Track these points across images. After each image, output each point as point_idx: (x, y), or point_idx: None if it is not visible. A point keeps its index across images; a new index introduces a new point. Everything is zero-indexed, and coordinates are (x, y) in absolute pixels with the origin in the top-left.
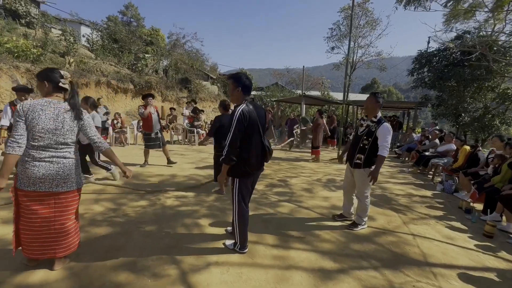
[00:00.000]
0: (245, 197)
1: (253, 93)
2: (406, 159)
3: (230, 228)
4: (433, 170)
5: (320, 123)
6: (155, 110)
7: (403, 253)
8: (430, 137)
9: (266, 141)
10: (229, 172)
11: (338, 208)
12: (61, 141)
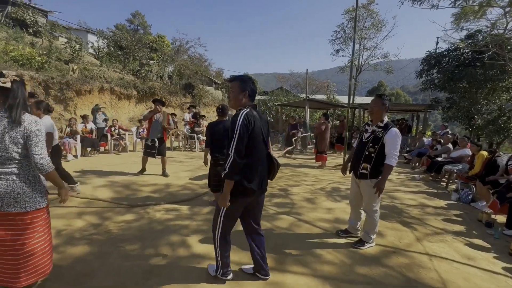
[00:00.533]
0: (232, 221)
1: (257, 97)
2: (416, 165)
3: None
4: (446, 177)
5: (327, 127)
6: (161, 116)
7: (417, 278)
8: (442, 141)
9: (273, 153)
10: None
11: (342, 222)
12: (4, 156)
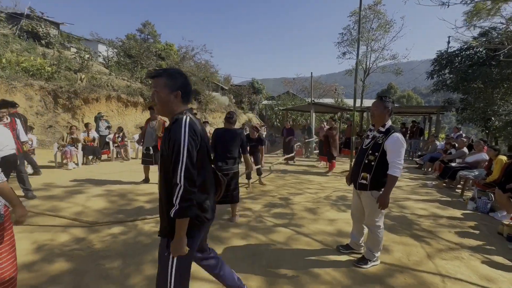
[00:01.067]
0: (188, 272)
1: (264, 102)
2: (428, 170)
3: None
4: (461, 184)
5: (336, 131)
6: (156, 124)
7: None
8: (456, 145)
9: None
10: (181, 228)
11: (344, 235)
12: None
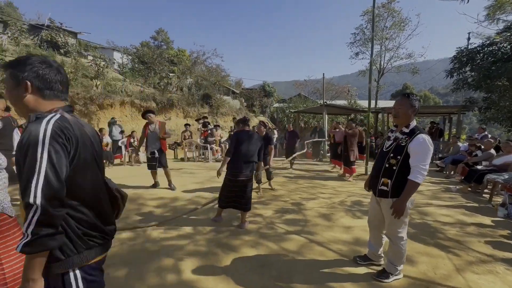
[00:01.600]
0: None
1: (275, 105)
2: (451, 173)
3: None
4: (490, 189)
5: (356, 133)
6: (156, 127)
7: None
8: (482, 146)
9: (110, 181)
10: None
11: (362, 244)
12: None
